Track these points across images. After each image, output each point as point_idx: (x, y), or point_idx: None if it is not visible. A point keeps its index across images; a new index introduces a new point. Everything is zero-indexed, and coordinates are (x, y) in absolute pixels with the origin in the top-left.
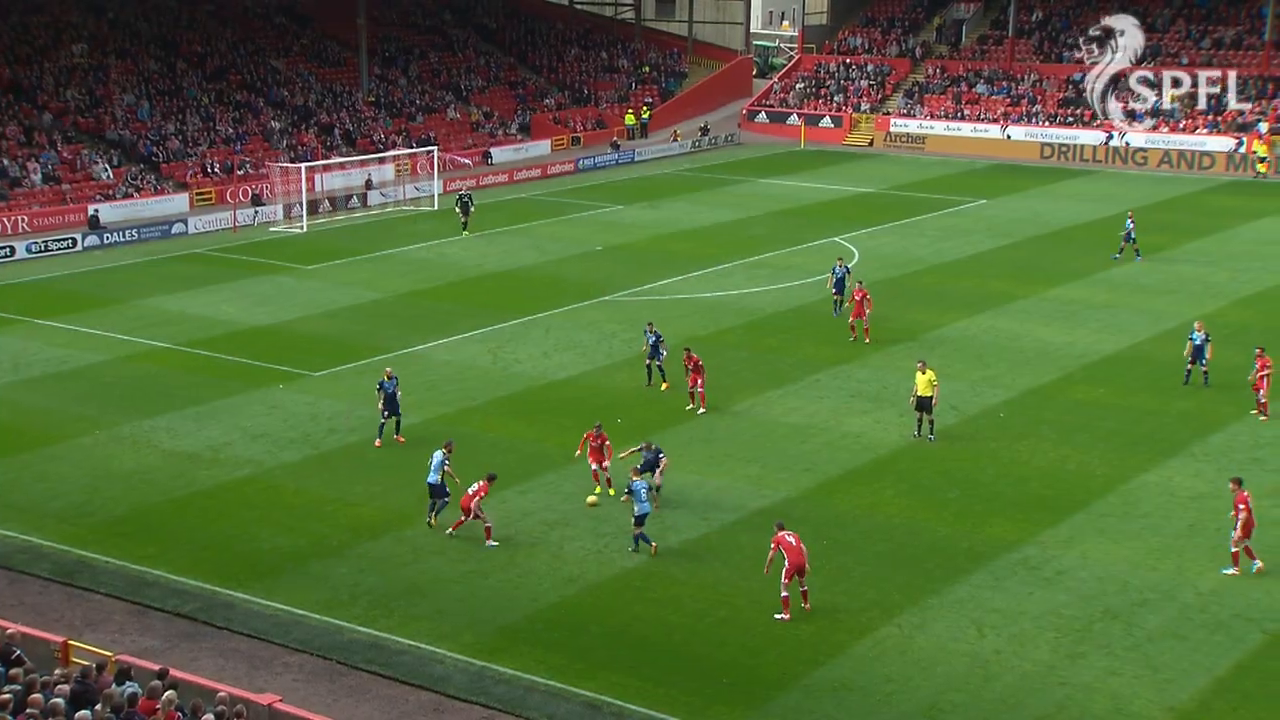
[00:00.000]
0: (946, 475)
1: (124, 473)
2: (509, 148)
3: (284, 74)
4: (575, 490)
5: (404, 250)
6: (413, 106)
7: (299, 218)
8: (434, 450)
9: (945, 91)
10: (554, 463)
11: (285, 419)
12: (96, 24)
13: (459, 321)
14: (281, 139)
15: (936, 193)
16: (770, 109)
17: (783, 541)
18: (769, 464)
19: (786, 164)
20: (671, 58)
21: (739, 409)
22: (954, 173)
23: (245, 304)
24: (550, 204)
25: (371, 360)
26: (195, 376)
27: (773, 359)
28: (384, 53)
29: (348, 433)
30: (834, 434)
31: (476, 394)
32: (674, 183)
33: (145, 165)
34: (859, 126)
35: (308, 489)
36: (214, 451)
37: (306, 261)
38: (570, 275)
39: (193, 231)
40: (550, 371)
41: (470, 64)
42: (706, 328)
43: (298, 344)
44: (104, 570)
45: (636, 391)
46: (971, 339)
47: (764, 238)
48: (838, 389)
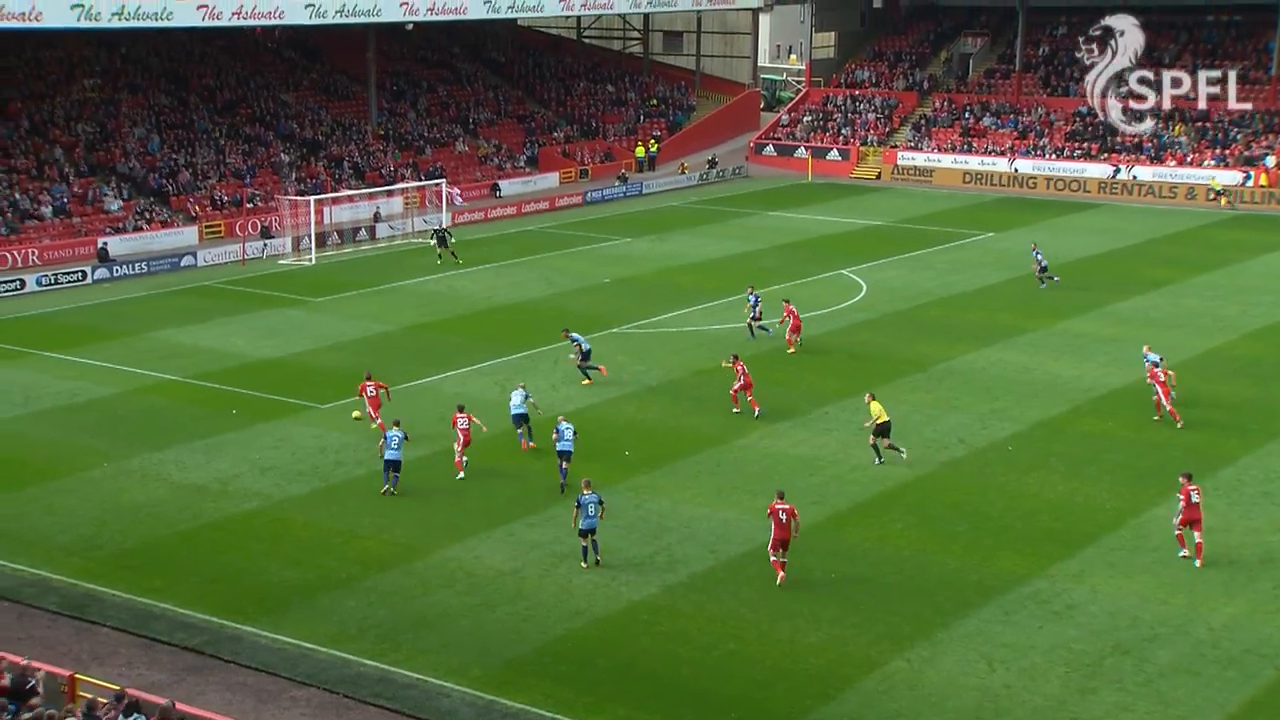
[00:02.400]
0: (955, 508)
1: (132, 505)
2: (517, 180)
3: (293, 107)
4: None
5: (412, 283)
6: (421, 139)
7: (308, 250)
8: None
9: (952, 125)
10: (562, 495)
11: (293, 452)
12: (109, 58)
13: (467, 354)
14: (291, 172)
15: (944, 226)
16: (778, 142)
17: (774, 513)
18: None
19: (794, 197)
20: (679, 91)
21: (747, 441)
22: (961, 206)
23: (254, 337)
24: (558, 236)
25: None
26: (204, 409)
27: (780, 391)
28: (393, 86)
29: (355, 465)
30: (842, 466)
31: (485, 425)
32: (682, 215)
33: (155, 198)
34: (866, 159)
35: (316, 522)
36: (222, 484)
37: (315, 294)
38: (578, 308)
39: (202, 264)
40: (558, 404)
41: (479, 97)
42: (713, 360)
43: (306, 376)
44: (112, 603)
45: (644, 423)
46: (980, 372)
47: (771, 270)
48: (846, 422)
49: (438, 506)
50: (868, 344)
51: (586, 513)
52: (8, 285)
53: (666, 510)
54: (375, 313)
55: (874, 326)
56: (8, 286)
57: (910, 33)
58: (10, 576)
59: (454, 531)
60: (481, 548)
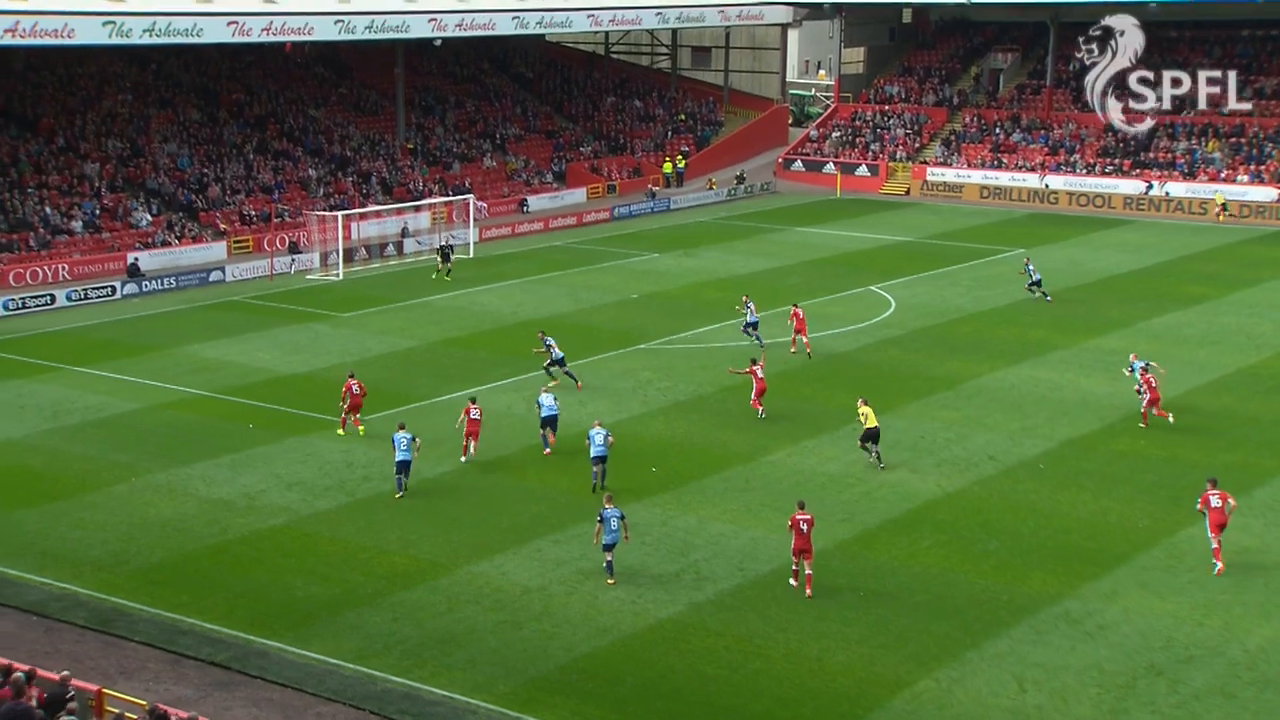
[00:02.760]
0: (985, 526)
1: (159, 520)
2: (545, 196)
3: (322, 123)
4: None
5: (439, 298)
6: (449, 155)
7: (335, 266)
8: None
9: (982, 140)
10: (589, 512)
11: (320, 467)
12: (140, 74)
13: (493, 370)
14: (319, 187)
15: (974, 242)
16: (806, 158)
17: (795, 524)
18: None
19: (822, 213)
20: (707, 106)
21: (775, 458)
22: (991, 222)
23: (281, 352)
24: (585, 252)
25: (405, 408)
26: (231, 424)
27: (808, 408)
28: (421, 102)
29: (382, 480)
30: (871, 484)
31: (510, 442)
32: (709, 231)
33: (184, 213)
34: (895, 175)
35: (342, 537)
36: (249, 499)
37: (342, 309)
38: (605, 323)
39: (230, 279)
40: (586, 421)
41: (507, 113)
42: (745, 377)
43: (333, 392)
44: (139, 618)
45: (671, 440)
46: (1010, 389)
47: (799, 286)
48: None
49: (464, 523)
50: (896, 361)
51: (609, 527)
52: (38, 300)
53: (693, 527)
54: (401, 328)
55: (903, 343)
56: (38, 301)
57: (940, 48)
58: (39, 590)
59: (480, 548)
60: (508, 564)
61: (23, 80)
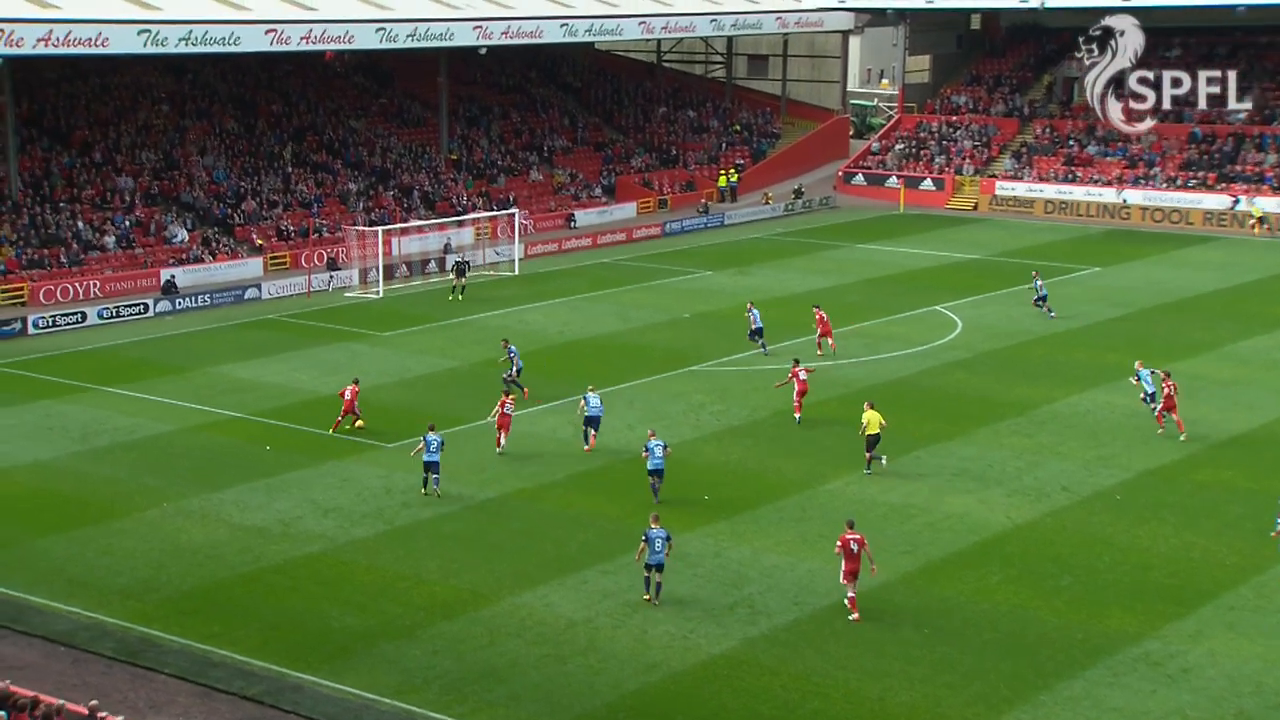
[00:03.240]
0: (1058, 561)
1: (191, 547)
2: (593, 210)
3: (363, 134)
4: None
5: (482, 317)
6: (494, 168)
7: (375, 283)
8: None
9: (1055, 153)
10: (638, 542)
11: (358, 492)
12: (176, 84)
13: (538, 391)
14: (359, 201)
15: (1046, 260)
16: (868, 171)
17: (845, 545)
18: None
19: (885, 229)
20: (764, 117)
21: (833, 486)
22: (1065, 239)
23: (318, 372)
24: (635, 269)
25: (446, 431)
26: (262, 448)
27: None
28: (465, 112)
29: (421, 507)
30: (935, 514)
31: (557, 468)
32: (766, 248)
33: (219, 228)
34: (963, 189)
35: (380, 566)
36: (284, 526)
37: (382, 328)
38: (656, 344)
39: (266, 296)
40: (634, 445)
41: (554, 124)
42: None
43: (371, 414)
44: (169, 649)
45: (725, 466)
46: (1085, 415)
47: (860, 306)
48: (939, 466)
49: (507, 551)
50: (963, 385)
51: (654, 548)
52: (69, 318)
53: (747, 559)
54: (443, 348)
55: (970, 366)
56: (69, 319)
57: (1010, 55)
58: (66, 619)
59: (524, 578)
60: (553, 595)
61: (55, 90)
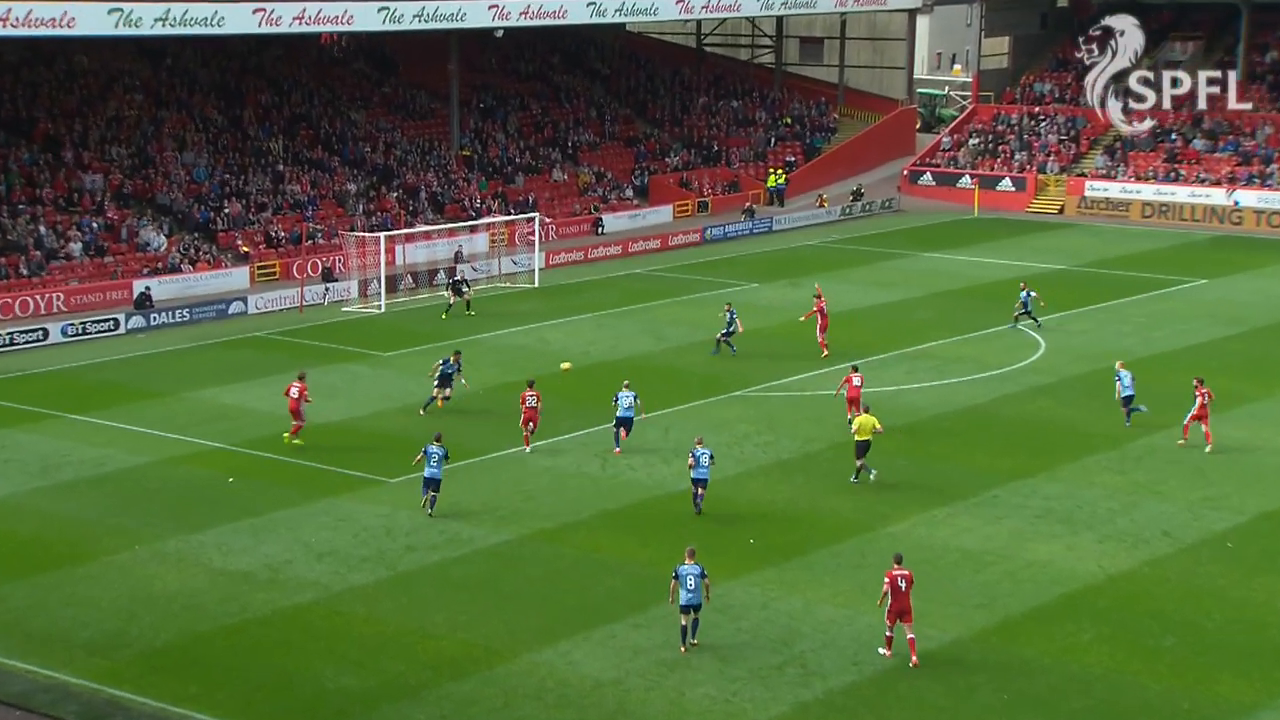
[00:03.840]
0: (1159, 617)
1: (166, 596)
2: (623, 215)
3: (363, 127)
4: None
5: (496, 335)
6: (511, 166)
7: (376, 296)
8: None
9: (1155, 148)
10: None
11: (356, 534)
12: (152, 71)
13: (561, 420)
14: (358, 203)
15: (1144, 270)
16: (937, 169)
17: (892, 582)
18: (935, 597)
19: (957, 235)
20: (818, 109)
21: (896, 529)
22: (1166, 246)
23: (313, 397)
24: (671, 281)
25: (458, 465)
26: (252, 482)
27: (939, 469)
28: (479, 103)
29: (428, 550)
30: (1016, 562)
31: (581, 507)
32: (820, 257)
33: (200, 234)
34: (1046, 190)
35: (381, 617)
36: (272, 571)
37: (384, 347)
38: (694, 366)
39: (253, 311)
40: (670, 481)
41: (579, 116)
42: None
43: (372, 444)
44: (140, 713)
45: (773, 505)
46: (1190, 450)
47: (929, 323)
48: (1020, 507)
49: (524, 601)
50: (1047, 414)
51: (686, 586)
52: (29, 335)
53: (799, 611)
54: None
55: (1055, 392)
56: (29, 337)
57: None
58: (22, 680)
59: (544, 632)
60: (576, 652)
61: (14, 77)
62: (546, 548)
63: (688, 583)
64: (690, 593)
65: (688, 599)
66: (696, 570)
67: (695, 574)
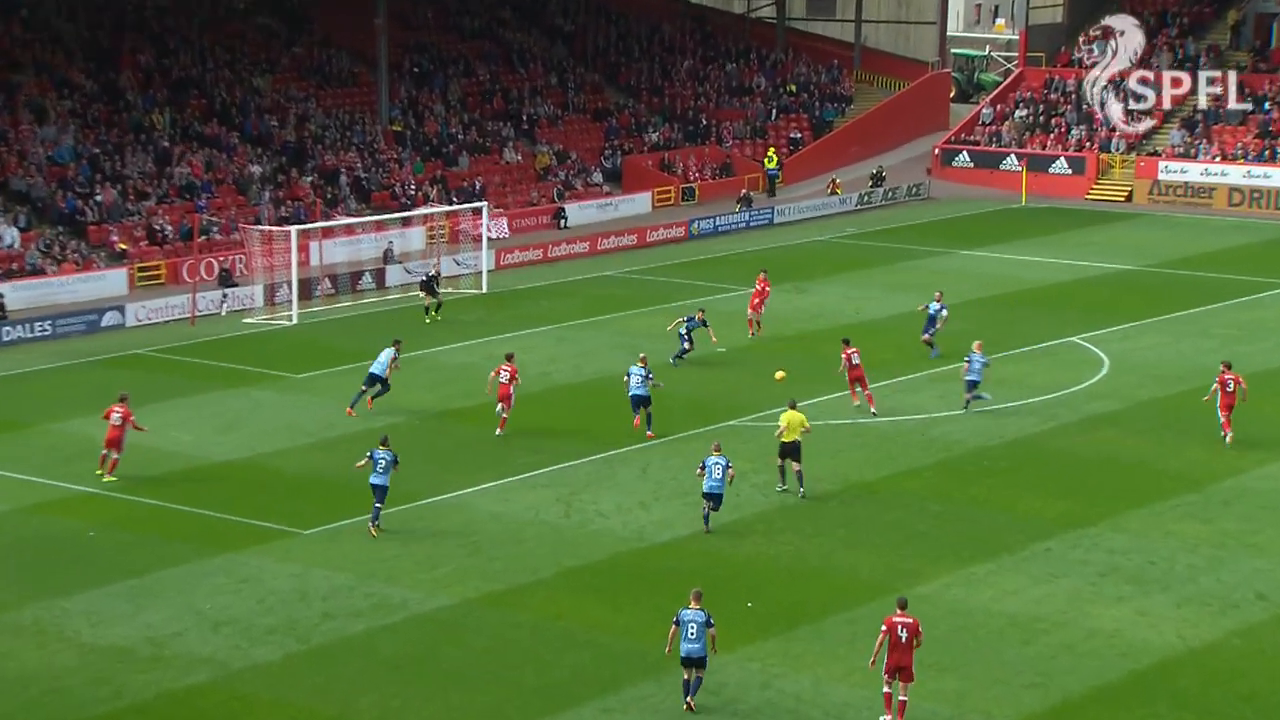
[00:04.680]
0: (1253, 700)
1: (23, 678)
2: (591, 204)
3: (269, 97)
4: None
5: (436, 351)
6: (453, 144)
7: (286, 304)
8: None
9: (1245, 121)
10: (653, 665)
11: (261, 598)
12: (3, 26)
13: (514, 456)
14: (264, 190)
15: (1230, 271)
16: (975, 148)
17: (890, 630)
18: (974, 674)
19: (1000, 228)
20: (830, 74)
21: (927, 590)
22: (1258, 241)
23: (206, 429)
24: (649, 285)
25: (388, 512)
26: (131, 535)
27: (979, 516)
28: (413, 67)
29: (350, 618)
30: (1074, 631)
31: (540, 563)
32: (831, 255)
33: (66, 227)
34: (1110, 173)
35: (291, 701)
36: (155, 646)
37: (296, 368)
38: (676, 389)
39: (132, 323)
40: (649, 531)
41: (536, 83)
42: (879, 468)
43: (282, 488)
44: None
45: (775, 561)
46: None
47: (966, 337)
48: (1079, 563)
49: (470, 680)
50: (1112, 448)
51: (687, 634)
52: None
53: (807, 693)
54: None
55: (1121, 421)
56: None
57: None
58: None
59: (494, 716)
60: None
61: None
62: (496, 614)
63: (689, 630)
64: (691, 642)
65: (688, 650)
66: (701, 617)
67: (699, 621)
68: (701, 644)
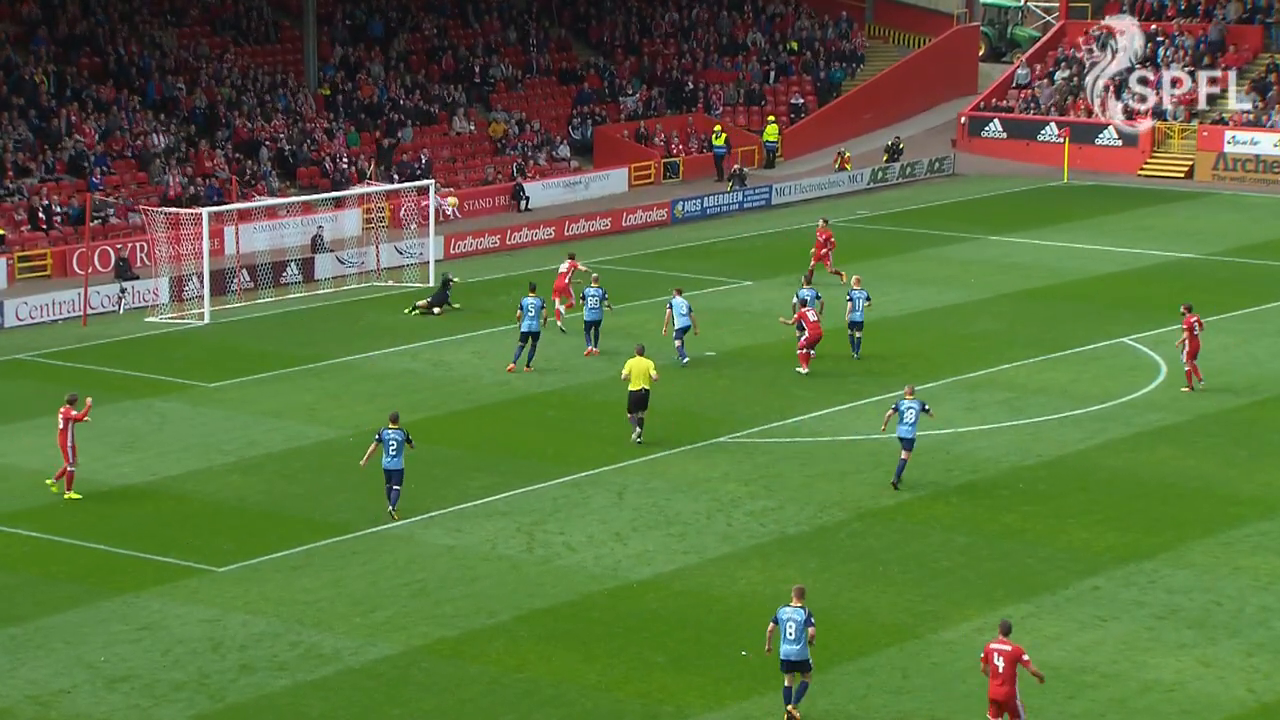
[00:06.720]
0: None
1: None
2: (556, 182)
3: (175, 55)
4: None
5: (374, 355)
6: (396, 112)
7: (196, 300)
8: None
9: None
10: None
11: (166, 649)
12: None
13: (467, 478)
14: (168, 165)
15: None
16: (1008, 116)
17: (988, 658)
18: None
19: (1038, 210)
20: (838, 29)
21: (954, 635)
22: None
23: (102, 448)
24: (625, 278)
25: (316, 546)
26: (8, 575)
27: (1013, 548)
28: (346, 20)
29: (273, 672)
30: (1129, 683)
31: (498, 605)
32: (841, 241)
33: None
34: (1168, 144)
35: None
36: (40, 706)
37: (208, 375)
38: (659, 401)
39: (11, 323)
40: (625, 566)
41: (492, 40)
42: (895, 492)
43: (192, 517)
44: None
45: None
46: None
47: (998, 337)
48: (1134, 604)
49: None
50: (1172, 467)
51: (786, 634)
52: None
53: None
54: (310, 406)
55: (1181, 436)
56: None
57: None
58: None
59: None
60: None
61: None
62: (446, 666)
63: (787, 630)
64: (791, 643)
65: (787, 651)
66: (801, 615)
67: (799, 620)
68: (802, 644)
